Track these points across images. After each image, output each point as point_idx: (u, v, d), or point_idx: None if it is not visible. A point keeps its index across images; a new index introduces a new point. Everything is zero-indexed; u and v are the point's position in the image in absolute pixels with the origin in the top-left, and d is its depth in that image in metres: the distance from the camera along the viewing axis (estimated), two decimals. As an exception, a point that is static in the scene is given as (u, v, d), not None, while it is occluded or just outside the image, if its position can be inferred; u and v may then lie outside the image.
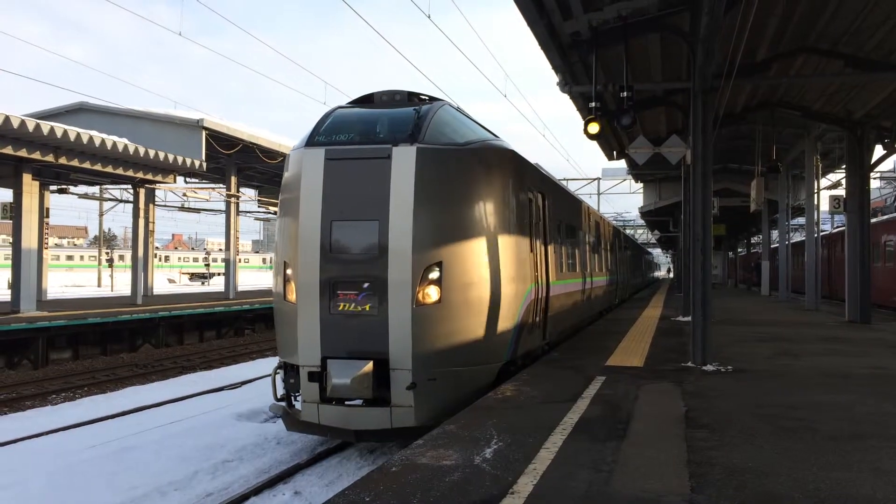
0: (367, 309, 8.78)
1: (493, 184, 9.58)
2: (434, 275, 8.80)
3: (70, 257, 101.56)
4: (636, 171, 35.88)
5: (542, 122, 34.28)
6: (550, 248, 12.55)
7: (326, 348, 8.87)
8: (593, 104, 12.95)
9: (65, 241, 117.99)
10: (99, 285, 60.66)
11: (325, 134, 9.44)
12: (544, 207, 12.23)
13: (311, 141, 9.42)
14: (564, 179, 43.85)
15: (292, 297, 9.15)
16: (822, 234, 30.98)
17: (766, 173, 23.80)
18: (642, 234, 76.05)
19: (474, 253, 9.13)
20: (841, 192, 25.95)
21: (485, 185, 9.45)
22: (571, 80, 15.05)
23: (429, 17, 14.28)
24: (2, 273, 61.09)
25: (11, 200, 24.32)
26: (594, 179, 50.24)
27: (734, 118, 20.30)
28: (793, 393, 8.97)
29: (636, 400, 8.45)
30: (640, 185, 41.79)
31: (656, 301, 32.63)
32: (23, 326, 19.04)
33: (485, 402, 8.29)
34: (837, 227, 41.72)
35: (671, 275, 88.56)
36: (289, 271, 9.27)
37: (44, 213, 28.50)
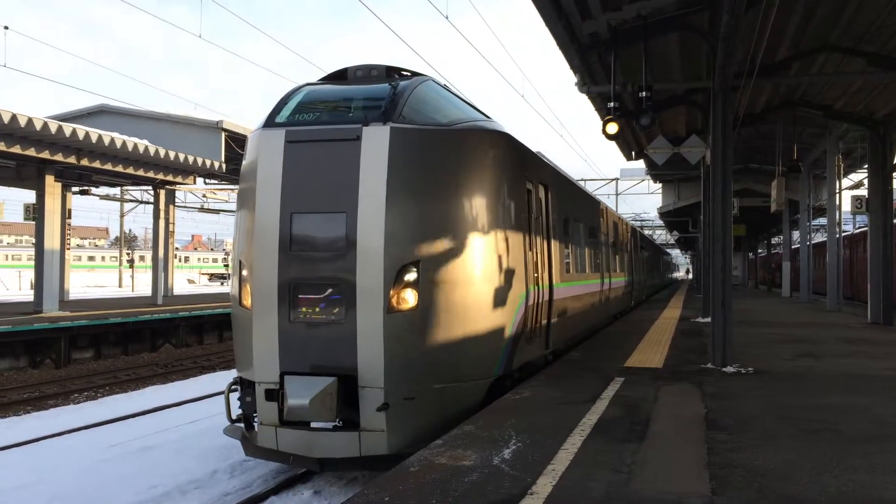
0: (333, 316, 7.62)
1: (481, 171, 8.37)
2: (410, 276, 7.64)
3: (91, 258, 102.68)
4: (655, 172, 35.66)
5: (560, 123, 34.19)
6: (554, 247, 11.36)
7: (286, 362, 7.71)
8: (612, 104, 12.90)
9: (86, 242, 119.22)
10: (120, 286, 61.26)
11: (288, 114, 8.30)
12: (547, 201, 11.03)
13: (271, 121, 8.26)
14: (582, 180, 43.69)
15: (247, 301, 8.02)
16: (843, 234, 30.66)
17: (787, 173, 23.61)
18: (661, 235, 75.62)
19: (458, 251, 7.95)
20: (863, 191, 25.65)
21: (472, 173, 8.24)
22: (590, 80, 15.01)
23: (446, 17, 14.28)
24: (25, 273, 61.87)
25: (34, 202, 24.62)
26: (612, 180, 50.00)
27: (754, 118, 20.13)
28: (814, 395, 8.89)
29: (655, 401, 8.41)
30: (659, 185, 41.55)
31: (675, 302, 32.45)
32: (45, 326, 19.25)
33: (503, 402, 8.28)
34: (859, 227, 41.26)
35: (690, 276, 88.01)
36: (244, 272, 8.12)
37: (66, 214, 28.80)
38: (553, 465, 5.71)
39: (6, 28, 20.40)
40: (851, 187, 31.91)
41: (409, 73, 9.04)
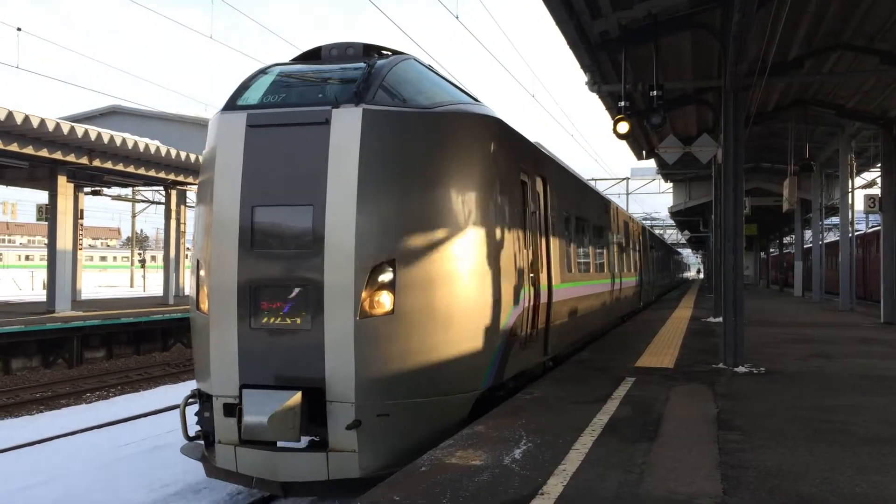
0: (298, 322, 6.85)
1: (468, 159, 7.59)
2: (385, 277, 6.85)
3: (103, 258, 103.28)
4: (666, 171, 35.57)
5: (571, 122, 34.17)
6: (554, 245, 10.56)
7: (246, 374, 6.94)
8: (622, 103, 12.89)
9: (98, 242, 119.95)
10: (131, 286, 61.56)
11: (251, 96, 7.54)
12: (546, 195, 10.22)
13: (232, 104, 7.47)
14: (593, 179, 43.63)
15: (205, 305, 7.23)
16: (856, 233, 30.47)
17: (800, 172, 23.50)
18: (672, 235, 75.37)
19: (440, 248, 7.16)
20: (876, 191, 25.48)
21: (457, 161, 7.46)
22: (600, 79, 14.98)
23: (457, 17, 14.28)
24: (38, 273, 62.29)
25: (47, 202, 24.78)
26: (623, 179, 49.90)
27: (766, 116, 20.05)
28: (827, 395, 8.83)
29: (667, 401, 8.38)
30: (670, 184, 41.44)
31: (686, 302, 32.33)
32: (58, 326, 19.37)
33: (514, 402, 8.27)
34: (872, 226, 41.00)
35: (701, 275, 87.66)
36: (202, 272, 7.33)
37: (78, 214, 28.98)
38: (564, 465, 5.70)
39: (19, 30, 20.53)
40: (864, 186, 31.71)
41: (389, 52, 8.17)
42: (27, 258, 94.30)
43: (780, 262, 59.42)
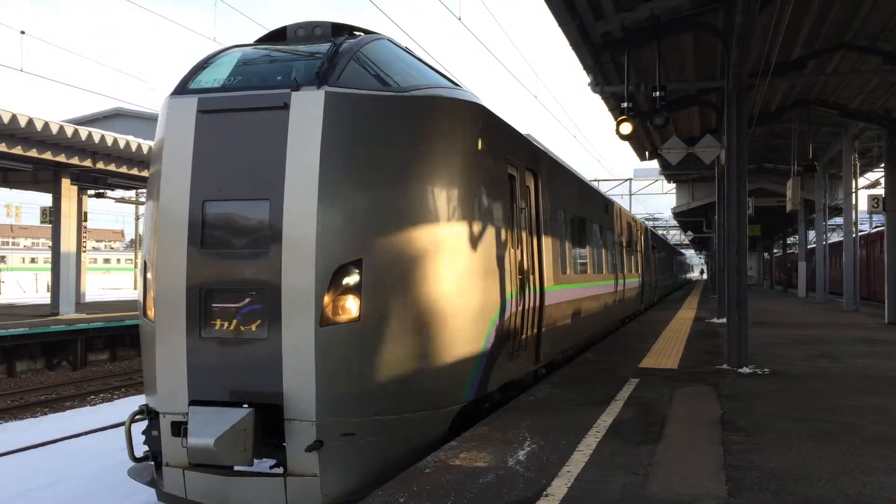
0: (253, 330, 6.18)
1: (445, 149, 6.91)
2: (351, 279, 6.19)
3: (107, 260, 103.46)
4: (669, 172, 35.57)
5: (574, 123, 34.10)
6: (547, 245, 9.89)
7: (196, 388, 6.27)
8: (625, 104, 12.89)
9: (102, 245, 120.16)
10: (135, 288, 61.65)
11: (205, 78, 6.83)
12: (537, 191, 9.57)
13: (183, 87, 6.77)
14: (595, 180, 43.63)
15: (152, 312, 6.58)
16: (860, 234, 30.42)
17: (803, 173, 23.48)
18: (675, 235, 75.33)
19: (413, 247, 6.49)
20: (880, 191, 25.43)
21: (433, 151, 6.78)
22: (603, 80, 15.00)
23: (459, 18, 14.29)
24: (41, 276, 62.42)
25: (51, 205, 24.84)
26: (626, 180, 49.90)
27: (769, 117, 20.05)
28: (832, 396, 8.82)
29: (671, 402, 8.37)
30: (673, 185, 41.43)
31: (690, 303, 32.30)
32: (62, 328, 19.40)
33: (517, 404, 8.26)
34: (876, 226, 40.93)
35: (704, 276, 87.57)
36: (149, 275, 6.69)
37: (82, 216, 29.03)
38: (568, 466, 5.70)
39: (23, 33, 20.58)
40: (868, 186, 31.65)
41: (361, 32, 7.43)
42: (32, 261, 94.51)
43: (783, 262, 59.36)
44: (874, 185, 32.05)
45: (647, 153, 26.55)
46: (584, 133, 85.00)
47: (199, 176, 6.42)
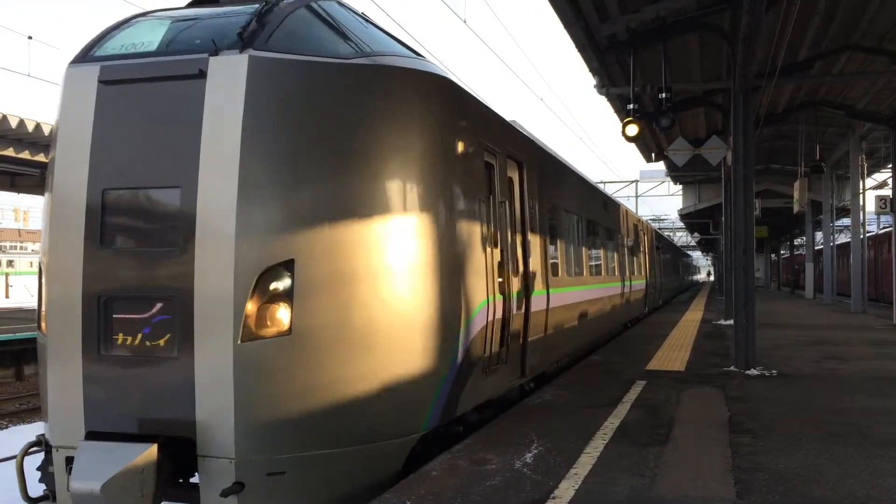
0: (162, 346, 5.17)
1: (401, 129, 5.86)
2: (280, 283, 5.19)
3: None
4: (675, 174, 35.49)
5: (580, 125, 34.05)
6: (535, 244, 8.91)
7: (93, 417, 5.27)
8: (631, 106, 12.87)
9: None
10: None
11: (113, 45, 5.76)
12: (523, 183, 8.57)
13: (84, 55, 5.72)
14: (602, 182, 43.57)
15: (45, 324, 5.55)
16: (867, 235, 30.31)
17: (810, 174, 23.41)
18: (682, 237, 75.21)
19: (360, 245, 5.49)
20: (887, 191, 25.34)
21: (385, 129, 5.73)
22: (609, 82, 14.99)
23: (465, 21, 14.30)
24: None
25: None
26: (632, 182, 49.81)
27: (776, 118, 20.00)
28: (840, 397, 8.78)
29: (678, 404, 8.35)
30: (679, 187, 41.34)
31: (697, 304, 32.22)
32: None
33: (524, 406, 8.25)
34: (884, 227, 40.79)
35: (711, 278, 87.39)
36: (42, 279, 5.65)
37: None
38: (575, 468, 5.69)
39: (30, 38, 20.69)
40: (875, 187, 31.55)
41: None
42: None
43: (791, 264, 59.17)
44: (881, 185, 31.96)
45: (653, 155, 26.51)
46: (590, 135, 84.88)
47: (99, 159, 5.39)
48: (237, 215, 5.16)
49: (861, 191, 25.25)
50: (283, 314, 5.21)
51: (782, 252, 66.96)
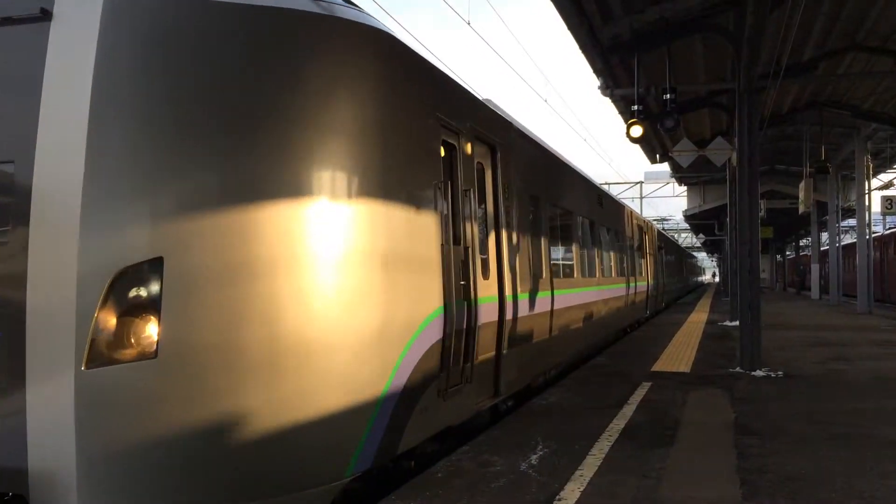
0: None
1: (319, 91, 4.60)
2: (144, 290, 4.03)
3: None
4: (680, 175, 35.45)
5: (584, 126, 33.99)
6: (512, 241, 7.83)
7: None
8: (635, 107, 12.87)
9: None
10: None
11: None
12: (496, 171, 7.47)
13: None
14: (606, 183, 43.53)
15: None
16: (873, 235, 30.23)
17: (815, 174, 23.35)
18: (687, 238, 75.12)
19: (261, 241, 4.25)
20: (893, 191, 25.34)
21: (296, 92, 4.49)
22: (613, 83, 14.96)
23: (468, 23, 14.30)
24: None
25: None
26: (636, 183, 49.76)
27: (781, 119, 19.99)
28: (846, 399, 8.75)
29: (684, 406, 8.33)
30: (684, 188, 41.29)
31: (702, 306, 32.17)
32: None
33: (529, 408, 8.24)
34: (890, 228, 40.66)
35: (716, 279, 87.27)
36: None
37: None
38: (581, 470, 5.67)
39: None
40: (881, 188, 31.46)
41: None
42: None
43: (796, 264, 59.04)
44: (887, 185, 31.87)
45: (657, 156, 26.48)
46: (594, 136, 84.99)
47: None
48: (84, 198, 3.94)
49: (867, 191, 25.19)
50: (147, 330, 3.97)
51: (788, 253, 66.80)
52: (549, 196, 9.97)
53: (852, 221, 39.22)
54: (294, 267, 4.39)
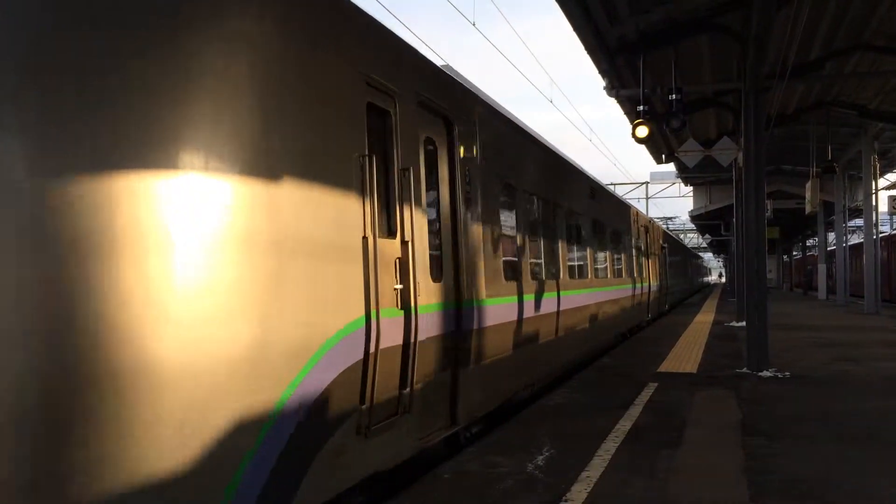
0: None
1: (175, 27, 3.51)
2: None
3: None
4: (685, 175, 35.38)
5: (590, 127, 33.95)
6: (474, 235, 6.62)
7: None
8: (641, 107, 12.84)
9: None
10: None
11: None
12: (454, 150, 6.30)
13: None
14: (612, 184, 43.48)
15: None
16: (881, 235, 30.12)
17: (822, 174, 23.27)
18: (693, 238, 75.01)
19: (69, 222, 3.10)
20: (900, 192, 25.22)
21: (139, 27, 3.41)
22: (618, 83, 14.95)
23: (473, 24, 14.30)
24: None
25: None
26: (642, 183, 49.69)
27: (787, 118, 19.91)
28: (854, 399, 8.72)
29: (690, 406, 8.31)
30: (690, 188, 41.22)
31: (708, 307, 32.10)
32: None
33: (536, 409, 8.24)
34: (897, 228, 40.52)
35: (723, 279, 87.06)
36: None
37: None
38: (587, 471, 5.67)
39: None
40: (888, 187, 31.34)
41: None
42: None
43: (803, 265, 58.89)
44: (894, 185, 31.75)
45: (663, 156, 26.42)
46: (599, 136, 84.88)
47: None
48: None
49: (874, 191, 25.10)
50: None
51: (794, 253, 66.61)
52: (527, 185, 8.80)
53: (859, 221, 39.11)
54: (126, 263, 3.17)
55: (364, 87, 4.83)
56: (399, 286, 5.13)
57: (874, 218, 25.49)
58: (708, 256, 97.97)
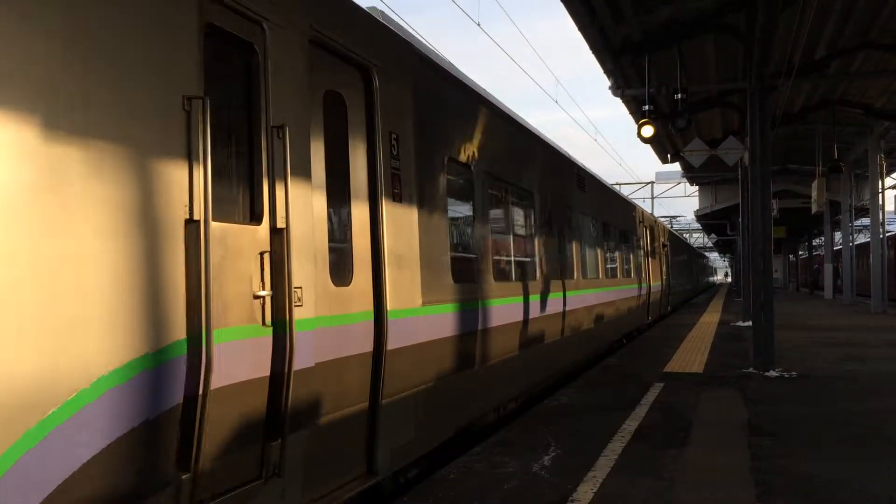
0: None
1: None
2: None
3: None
4: (691, 174, 35.33)
5: (595, 127, 33.93)
6: (403, 224, 5.28)
7: None
8: (647, 107, 12.84)
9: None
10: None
11: None
12: (374, 110, 4.89)
13: None
14: (617, 184, 43.41)
15: None
16: (887, 234, 30.02)
17: (828, 173, 23.23)
18: (699, 238, 74.86)
19: None
20: (907, 191, 25.14)
21: None
22: (623, 83, 14.94)
23: (478, 24, 14.31)
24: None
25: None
26: (648, 183, 49.60)
27: (793, 118, 19.88)
28: (861, 399, 8.69)
29: (696, 406, 8.30)
30: (696, 188, 41.15)
31: (714, 306, 32.03)
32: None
33: (541, 409, 8.24)
34: (904, 227, 40.37)
35: (729, 279, 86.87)
36: None
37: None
38: (593, 471, 5.67)
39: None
40: (894, 186, 31.26)
41: None
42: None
43: (809, 264, 58.70)
44: (901, 184, 31.66)
45: (669, 156, 26.39)
46: (605, 136, 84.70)
47: None
48: None
49: (880, 190, 25.03)
50: None
51: (800, 253, 66.45)
52: (489, 166, 7.33)
53: (866, 220, 38.99)
54: None
55: (197, 1, 3.41)
56: (264, 293, 3.71)
57: (881, 217, 25.40)
58: (713, 256, 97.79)
